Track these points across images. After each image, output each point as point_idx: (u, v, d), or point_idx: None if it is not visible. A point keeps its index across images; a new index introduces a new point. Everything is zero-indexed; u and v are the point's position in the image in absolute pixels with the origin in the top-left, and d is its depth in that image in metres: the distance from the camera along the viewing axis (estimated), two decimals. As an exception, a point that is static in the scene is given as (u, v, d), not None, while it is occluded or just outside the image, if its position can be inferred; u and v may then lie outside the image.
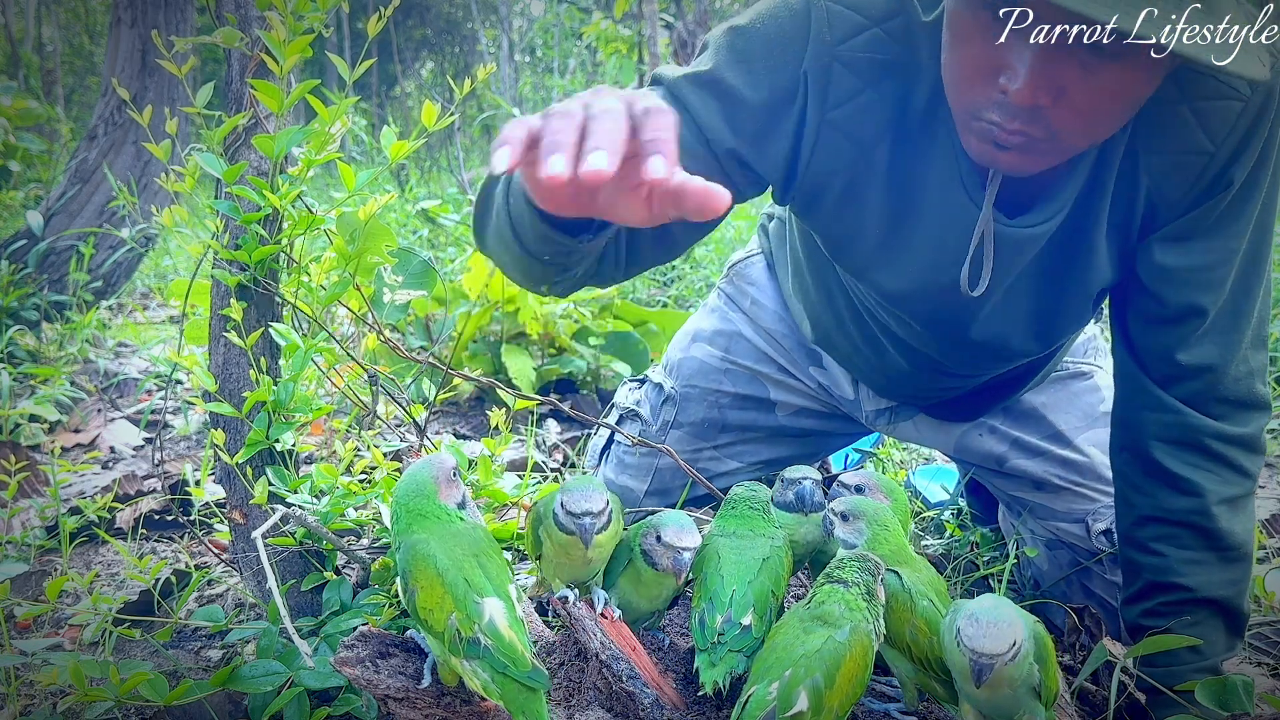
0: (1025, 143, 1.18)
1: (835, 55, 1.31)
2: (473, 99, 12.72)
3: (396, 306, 1.81)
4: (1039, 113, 1.14)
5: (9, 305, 4.07)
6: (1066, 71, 1.11)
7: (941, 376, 1.72)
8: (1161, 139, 1.30)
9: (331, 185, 8.04)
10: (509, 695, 1.10)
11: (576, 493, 1.21)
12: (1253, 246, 1.35)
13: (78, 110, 14.08)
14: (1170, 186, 1.32)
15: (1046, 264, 1.43)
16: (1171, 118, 1.28)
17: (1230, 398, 1.39)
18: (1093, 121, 1.17)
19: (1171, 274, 1.36)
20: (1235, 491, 1.41)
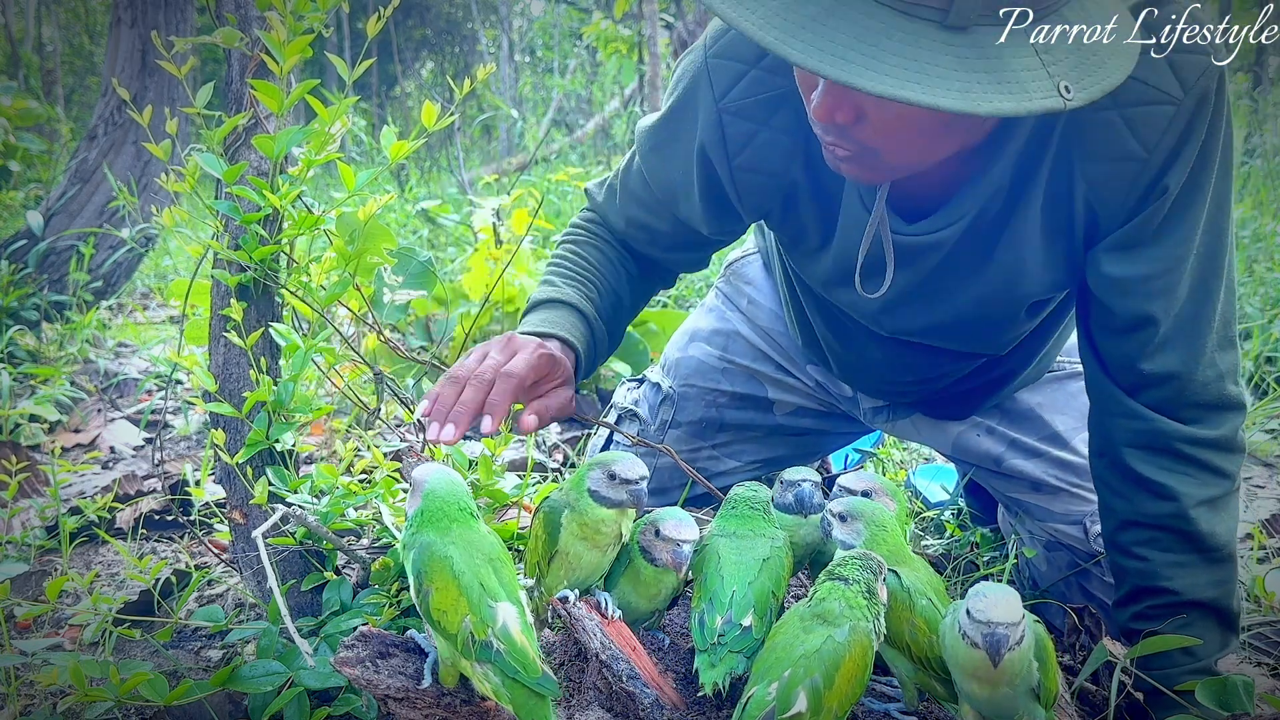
0: (850, 156, 1.24)
1: (722, 110, 1.45)
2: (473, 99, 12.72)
3: (396, 306, 1.81)
4: (844, 130, 1.20)
5: (9, 305, 4.07)
6: (861, 95, 1.14)
7: (909, 371, 1.74)
8: (1093, 146, 1.29)
9: (331, 185, 8.04)
10: (518, 700, 1.10)
11: (624, 462, 1.23)
12: (1205, 250, 1.33)
13: (78, 110, 14.07)
14: (1107, 194, 1.31)
15: (963, 268, 1.44)
16: (1102, 125, 1.27)
17: (1200, 402, 1.38)
18: (903, 142, 1.20)
19: (1119, 284, 1.35)
20: (1213, 493, 1.40)
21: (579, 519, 1.25)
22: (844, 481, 1.37)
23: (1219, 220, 1.33)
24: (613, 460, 1.24)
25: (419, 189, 7.49)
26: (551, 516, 1.28)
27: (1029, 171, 1.33)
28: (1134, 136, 1.26)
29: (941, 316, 1.52)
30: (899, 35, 1.02)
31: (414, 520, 1.18)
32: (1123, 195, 1.30)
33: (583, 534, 1.26)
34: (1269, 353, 3.59)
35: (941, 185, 1.36)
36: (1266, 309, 3.94)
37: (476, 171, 8.43)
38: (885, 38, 1.02)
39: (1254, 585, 1.93)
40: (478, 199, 4.08)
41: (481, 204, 3.83)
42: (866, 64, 1.01)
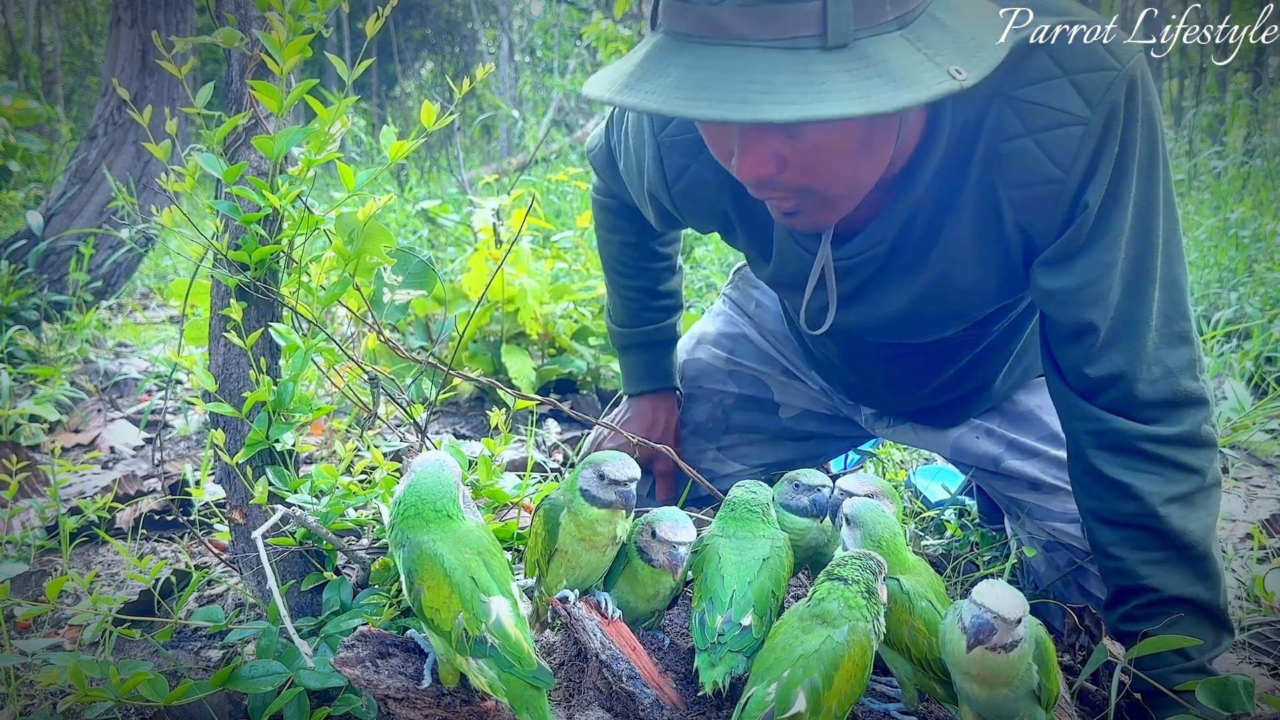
0: (794, 207, 1.30)
1: (659, 143, 1.59)
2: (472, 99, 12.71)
3: (396, 307, 1.81)
4: (774, 182, 1.25)
5: (9, 305, 4.07)
6: (773, 141, 1.21)
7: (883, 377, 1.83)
8: (1013, 174, 1.34)
9: (331, 185, 8.04)
10: (514, 693, 1.11)
11: (613, 462, 1.22)
12: (1134, 254, 1.35)
13: (78, 110, 14.07)
14: (1034, 216, 1.36)
15: (893, 280, 1.51)
16: (1019, 153, 1.32)
17: (1152, 400, 1.39)
18: (828, 173, 1.25)
19: (1054, 296, 1.40)
20: (1183, 489, 1.40)
21: (574, 519, 1.25)
22: (845, 484, 1.37)
23: (1147, 223, 1.35)
24: (603, 460, 1.24)
25: (419, 189, 7.49)
26: (551, 515, 1.28)
27: (950, 193, 1.39)
28: (1049, 160, 1.30)
29: (878, 317, 1.58)
30: (788, 68, 1.08)
31: (394, 511, 1.19)
32: (1048, 216, 1.35)
33: (579, 534, 1.26)
34: (1269, 353, 3.58)
35: (865, 211, 1.42)
36: (1266, 309, 3.93)
37: (476, 171, 8.43)
38: (777, 74, 1.08)
39: (1254, 585, 1.93)
40: (478, 199, 4.08)
41: (481, 204, 3.83)
42: (767, 100, 1.06)
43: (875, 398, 1.95)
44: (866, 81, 1.08)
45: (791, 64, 1.09)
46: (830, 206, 1.31)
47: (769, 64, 1.09)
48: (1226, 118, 8.90)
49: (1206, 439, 1.41)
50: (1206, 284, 4.39)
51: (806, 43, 1.09)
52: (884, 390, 1.89)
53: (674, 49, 1.15)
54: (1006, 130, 1.32)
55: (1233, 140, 8.44)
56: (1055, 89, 1.28)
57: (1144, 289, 1.37)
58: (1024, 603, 1.07)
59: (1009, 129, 1.31)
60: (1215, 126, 8.92)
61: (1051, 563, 1.84)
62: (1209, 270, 4.54)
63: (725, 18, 1.10)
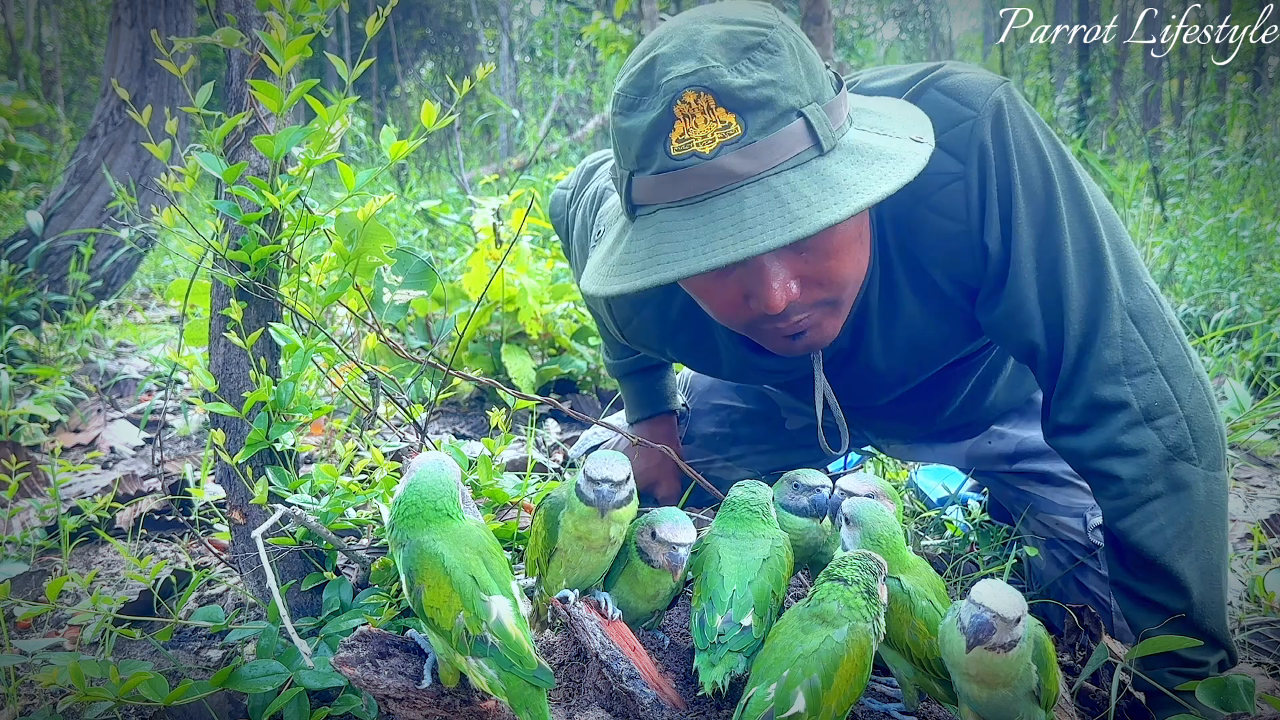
0: (811, 323, 1.36)
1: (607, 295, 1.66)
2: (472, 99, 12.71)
3: (396, 307, 1.81)
4: (797, 305, 1.32)
5: (9, 305, 4.07)
6: (788, 263, 1.27)
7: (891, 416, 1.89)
8: (923, 241, 1.43)
9: (331, 185, 8.04)
10: (514, 692, 1.11)
11: (599, 462, 1.22)
12: (1048, 270, 1.38)
13: (78, 110, 14.07)
14: (955, 269, 1.44)
15: (861, 353, 1.60)
16: (921, 221, 1.41)
17: (1070, 422, 1.41)
18: (841, 276, 1.33)
19: (991, 328, 1.48)
20: (1122, 504, 1.39)
21: (571, 516, 1.25)
22: (845, 484, 1.37)
23: (1051, 238, 1.38)
24: (591, 459, 1.25)
25: (419, 189, 7.49)
26: (551, 514, 1.28)
27: (884, 274, 1.49)
28: (945, 218, 1.39)
29: (863, 383, 1.68)
30: (807, 181, 1.18)
31: (394, 511, 1.19)
32: (965, 265, 1.43)
33: (576, 532, 1.26)
34: (1269, 353, 3.58)
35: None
36: (1266, 309, 3.93)
37: (476, 171, 8.43)
38: (802, 188, 1.18)
39: (1254, 585, 1.93)
40: (478, 199, 4.08)
41: (481, 204, 3.83)
42: (813, 210, 1.15)
43: (891, 433, 2.01)
44: (871, 167, 1.19)
45: (807, 176, 1.18)
46: (837, 313, 1.38)
47: (791, 185, 1.18)
48: (1226, 118, 8.91)
49: (1130, 446, 1.37)
50: (1206, 284, 4.39)
51: (807, 155, 1.20)
52: (897, 426, 1.94)
53: (683, 215, 1.22)
54: (902, 206, 1.41)
55: (1233, 140, 8.44)
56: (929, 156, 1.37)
57: (1062, 299, 1.38)
58: (1022, 602, 1.07)
59: (904, 204, 1.40)
60: (1215, 126, 8.92)
61: (1053, 560, 1.85)
62: (1209, 270, 4.54)
63: (729, 165, 1.18)
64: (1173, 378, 1.37)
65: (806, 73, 1.22)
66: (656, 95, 1.21)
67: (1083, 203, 1.39)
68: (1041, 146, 1.37)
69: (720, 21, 1.23)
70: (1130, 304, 1.37)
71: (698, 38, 1.21)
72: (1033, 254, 1.38)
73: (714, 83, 1.18)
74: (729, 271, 1.30)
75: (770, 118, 1.19)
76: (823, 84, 1.25)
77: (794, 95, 1.20)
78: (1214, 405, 1.40)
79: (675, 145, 1.20)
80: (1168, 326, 1.38)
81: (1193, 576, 1.36)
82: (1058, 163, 1.38)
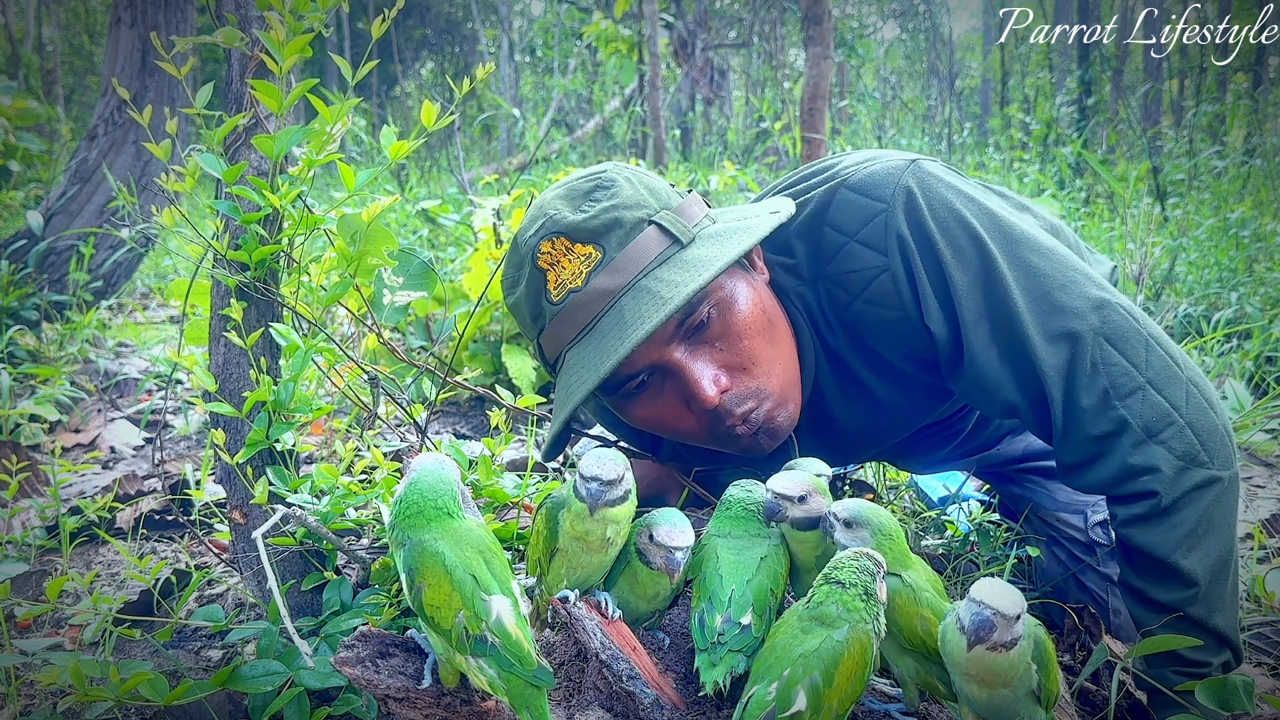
0: (759, 416, 1.42)
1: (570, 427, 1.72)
2: (473, 99, 12.71)
3: (396, 307, 1.82)
4: (735, 397, 1.40)
5: (9, 305, 4.07)
6: (705, 358, 1.38)
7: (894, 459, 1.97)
8: (867, 330, 1.50)
9: (332, 185, 8.04)
10: (514, 692, 1.11)
11: (591, 460, 1.22)
12: (1003, 333, 1.40)
13: (78, 110, 14.08)
14: (906, 349, 1.49)
15: (827, 426, 1.65)
16: (858, 315, 1.48)
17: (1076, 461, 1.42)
18: (762, 358, 1.41)
19: (965, 396, 1.51)
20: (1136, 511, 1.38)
21: (570, 516, 1.25)
22: (775, 484, 1.30)
23: (996, 295, 1.39)
24: (586, 456, 1.24)
25: (419, 189, 7.50)
26: (553, 513, 1.28)
27: (833, 358, 1.56)
28: (883, 308, 1.45)
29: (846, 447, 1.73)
30: (673, 270, 1.32)
31: (394, 510, 1.19)
32: (913, 344, 1.48)
33: (575, 533, 1.26)
34: (1269, 353, 3.58)
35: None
36: (1266, 309, 3.94)
37: (476, 171, 8.43)
38: (670, 276, 1.31)
39: (1254, 585, 1.93)
40: (478, 199, 4.08)
41: (481, 204, 3.83)
42: (678, 290, 1.29)
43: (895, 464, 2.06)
44: (725, 244, 1.34)
45: (672, 267, 1.33)
46: (784, 401, 1.45)
47: (657, 278, 1.33)
48: (1226, 118, 8.90)
49: (1142, 465, 1.36)
50: (1206, 284, 4.39)
51: (669, 252, 1.35)
52: (911, 462, 2.01)
53: (581, 347, 1.36)
54: (839, 303, 1.49)
55: (1233, 140, 8.45)
56: (850, 254, 1.44)
57: (1027, 350, 1.38)
58: (1022, 600, 1.07)
59: (840, 301, 1.49)
60: (1215, 126, 8.92)
61: (1054, 559, 1.86)
62: (1209, 270, 4.54)
63: (601, 285, 1.34)
64: (1164, 389, 1.36)
65: (649, 191, 1.39)
66: (525, 263, 1.40)
67: (1021, 252, 1.40)
68: (963, 215, 1.40)
69: (560, 186, 1.43)
70: (1103, 329, 1.36)
71: (543, 204, 1.41)
72: (984, 318, 1.40)
73: (560, 225, 1.36)
74: (661, 387, 1.41)
75: (623, 234, 1.35)
76: (668, 196, 1.41)
77: (640, 210, 1.36)
78: (1214, 404, 1.39)
79: (554, 292, 1.37)
80: (1148, 340, 1.37)
81: (1201, 574, 1.36)
82: (986, 223, 1.41)
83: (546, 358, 1.45)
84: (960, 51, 23.53)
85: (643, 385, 1.42)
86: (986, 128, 14.28)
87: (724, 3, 12.26)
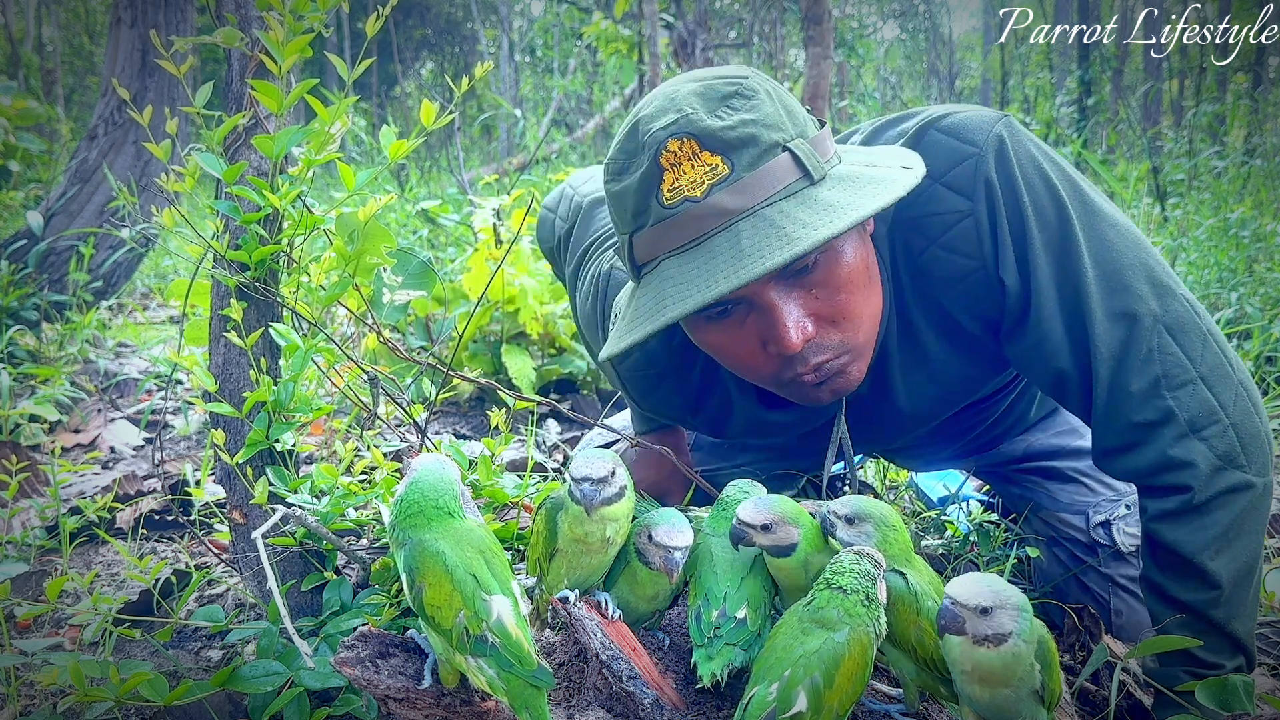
0: (835, 368, 1.36)
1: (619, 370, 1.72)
2: (473, 99, 12.71)
3: (396, 307, 1.82)
4: (816, 344, 1.33)
5: (9, 305, 4.07)
6: (799, 301, 1.30)
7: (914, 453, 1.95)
8: (939, 281, 1.44)
9: (331, 185, 8.04)
10: (514, 692, 1.11)
11: (580, 461, 1.22)
12: (1071, 296, 1.37)
13: (78, 110, 14.08)
14: (975, 305, 1.45)
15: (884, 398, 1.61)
16: (933, 262, 1.43)
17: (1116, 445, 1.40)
18: (855, 312, 1.34)
19: (1018, 360, 1.47)
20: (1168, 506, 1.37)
21: (568, 518, 1.25)
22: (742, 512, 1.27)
23: (1070, 264, 1.37)
24: (574, 459, 1.25)
25: (419, 189, 7.49)
26: (552, 514, 1.28)
27: (902, 314, 1.51)
28: (959, 255, 1.40)
29: (883, 425, 1.68)
30: (799, 207, 1.22)
31: (395, 510, 1.18)
32: (985, 300, 1.43)
33: (574, 534, 1.26)
34: (1269, 353, 3.58)
35: None
36: (1266, 309, 3.94)
37: (476, 171, 8.43)
38: (795, 213, 1.21)
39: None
40: (478, 199, 4.08)
41: (481, 204, 3.83)
42: (805, 232, 1.18)
43: (905, 460, 2.05)
44: (860, 191, 1.23)
45: (800, 203, 1.23)
46: (860, 356, 1.39)
47: (784, 212, 1.22)
48: (1226, 118, 8.91)
49: (1180, 459, 1.35)
50: (1207, 284, 4.39)
51: (797, 185, 1.24)
52: (912, 458, 2.00)
53: (684, 260, 1.25)
54: (914, 249, 1.43)
55: (1233, 140, 8.45)
56: (933, 197, 1.38)
57: (1087, 324, 1.37)
58: (996, 593, 1.06)
59: (916, 247, 1.43)
60: (1215, 126, 8.92)
61: (1055, 559, 1.86)
62: (1209, 270, 4.54)
63: (721, 203, 1.23)
64: (1215, 386, 1.35)
65: (787, 112, 1.28)
66: (643, 153, 1.27)
67: (1098, 224, 1.38)
68: (1049, 175, 1.38)
69: (696, 80, 1.30)
70: (1165, 317, 1.35)
71: (675, 95, 1.28)
72: (1053, 283, 1.38)
73: (694, 128, 1.23)
74: (744, 318, 1.33)
75: (756, 154, 1.24)
76: (805, 122, 1.30)
77: (777, 132, 1.25)
78: (1260, 410, 1.39)
79: (667, 195, 1.25)
80: (1206, 335, 1.37)
81: (1226, 577, 1.35)
82: (1068, 189, 1.38)
83: (635, 257, 1.34)
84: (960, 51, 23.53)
85: (725, 312, 1.34)
86: (986, 128, 14.23)
87: (724, 3, 12.26)
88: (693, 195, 1.24)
